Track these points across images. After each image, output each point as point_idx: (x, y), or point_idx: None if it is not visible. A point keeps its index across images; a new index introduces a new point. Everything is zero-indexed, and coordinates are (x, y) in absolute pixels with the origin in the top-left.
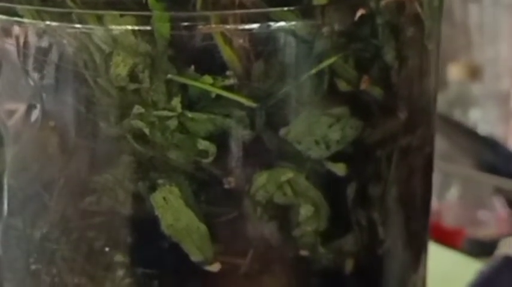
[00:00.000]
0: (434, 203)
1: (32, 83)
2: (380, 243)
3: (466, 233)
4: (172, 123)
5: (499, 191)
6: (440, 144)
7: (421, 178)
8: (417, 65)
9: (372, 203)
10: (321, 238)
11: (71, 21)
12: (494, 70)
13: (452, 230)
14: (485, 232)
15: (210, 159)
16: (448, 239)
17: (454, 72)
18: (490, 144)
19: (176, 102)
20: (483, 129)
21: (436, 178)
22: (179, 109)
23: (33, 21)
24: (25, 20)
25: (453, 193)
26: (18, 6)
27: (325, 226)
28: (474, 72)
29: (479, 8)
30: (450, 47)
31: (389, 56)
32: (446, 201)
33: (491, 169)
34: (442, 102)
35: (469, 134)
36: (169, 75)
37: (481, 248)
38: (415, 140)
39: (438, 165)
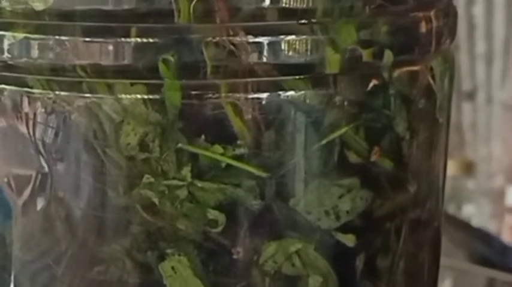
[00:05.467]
0: None
1: (40, 153)
2: None
3: None
4: (182, 193)
5: (492, 283)
6: None
7: (429, 252)
8: (428, 137)
9: (380, 275)
10: None
11: (81, 90)
12: (487, 168)
13: None
14: None
15: (219, 229)
16: None
17: (448, 167)
18: (483, 236)
19: (186, 171)
20: (477, 224)
21: None
22: (189, 179)
23: (43, 92)
24: (35, 91)
25: (447, 285)
26: (29, 77)
27: None
28: (468, 168)
29: (473, 107)
30: None
31: (400, 127)
32: None
33: (485, 261)
34: None
35: (463, 227)
36: (179, 145)
37: None
38: (424, 213)
39: None
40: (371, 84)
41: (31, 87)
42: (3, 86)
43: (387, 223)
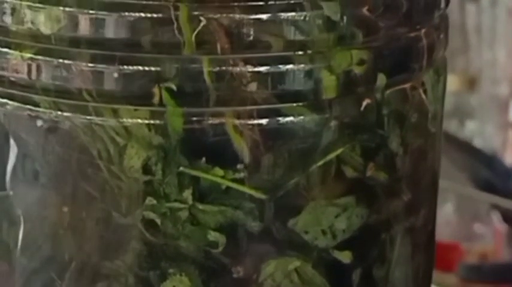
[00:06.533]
0: None
1: (45, 168)
2: None
3: (462, 251)
4: (184, 215)
5: (495, 207)
6: None
7: (423, 255)
8: (421, 148)
9: (376, 285)
10: None
11: (87, 113)
12: (492, 75)
13: (449, 245)
14: (481, 246)
15: (220, 249)
16: (444, 257)
17: (451, 82)
18: (486, 160)
19: (187, 194)
20: (480, 141)
21: None
22: (190, 201)
23: (50, 111)
24: (41, 110)
25: (449, 207)
26: (35, 96)
27: None
28: (471, 84)
29: (477, 9)
30: (447, 49)
31: (394, 143)
32: (442, 216)
33: (488, 185)
34: None
35: (466, 150)
36: (181, 168)
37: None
38: (419, 220)
39: None
40: (364, 104)
41: (35, 105)
42: (6, 100)
43: (382, 235)
